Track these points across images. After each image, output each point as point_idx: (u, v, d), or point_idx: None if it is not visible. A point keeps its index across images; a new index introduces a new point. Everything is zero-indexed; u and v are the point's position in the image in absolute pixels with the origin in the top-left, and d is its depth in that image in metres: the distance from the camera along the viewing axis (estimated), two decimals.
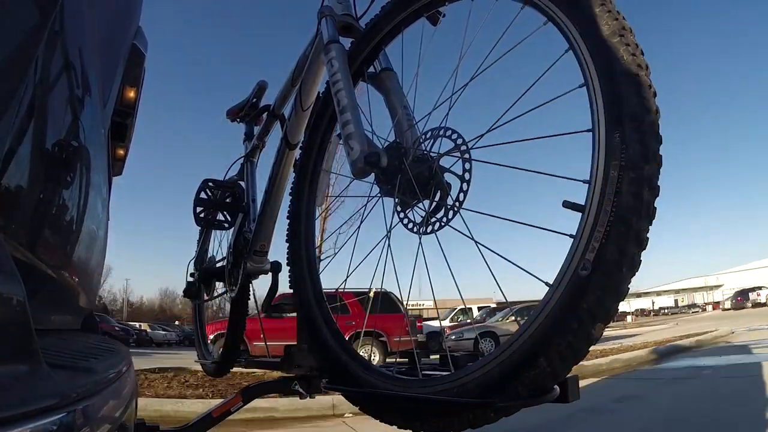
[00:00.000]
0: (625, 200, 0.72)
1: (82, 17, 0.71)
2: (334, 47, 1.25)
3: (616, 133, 0.75)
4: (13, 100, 0.46)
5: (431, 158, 1.05)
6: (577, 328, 0.74)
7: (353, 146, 1.07)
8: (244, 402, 1.66)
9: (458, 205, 0.98)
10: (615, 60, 0.76)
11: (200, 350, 2.62)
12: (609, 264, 0.72)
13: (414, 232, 1.06)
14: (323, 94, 1.47)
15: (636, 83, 0.75)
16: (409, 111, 1.22)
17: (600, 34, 0.79)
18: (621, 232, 0.72)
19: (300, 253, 1.39)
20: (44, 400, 0.36)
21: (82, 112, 0.74)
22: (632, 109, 0.74)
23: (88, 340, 0.95)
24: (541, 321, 0.78)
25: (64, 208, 0.71)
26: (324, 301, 1.31)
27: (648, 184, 0.73)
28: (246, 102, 2.31)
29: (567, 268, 0.77)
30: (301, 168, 1.46)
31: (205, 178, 2.13)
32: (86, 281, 0.97)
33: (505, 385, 0.80)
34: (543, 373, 0.77)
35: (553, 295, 0.77)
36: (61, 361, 0.53)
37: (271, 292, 1.82)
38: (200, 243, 2.57)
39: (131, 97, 1.25)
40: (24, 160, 0.53)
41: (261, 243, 1.82)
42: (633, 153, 0.73)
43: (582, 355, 0.78)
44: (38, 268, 0.63)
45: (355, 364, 1.14)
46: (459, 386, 0.87)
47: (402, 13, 1.24)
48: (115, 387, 0.61)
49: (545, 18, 0.89)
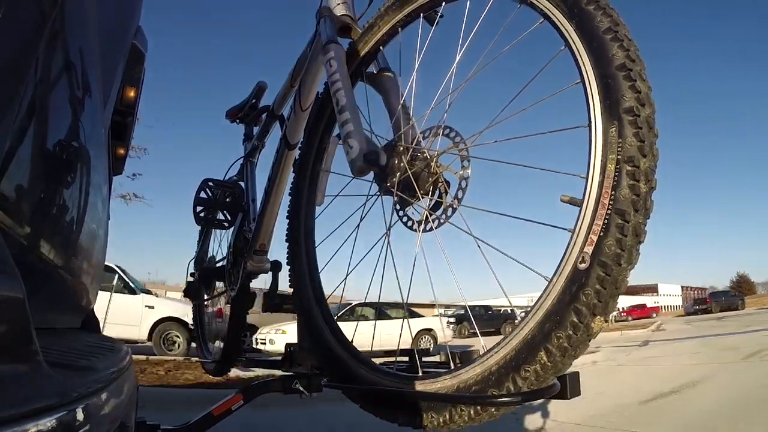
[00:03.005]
0: (623, 194, 0.73)
1: (83, 17, 0.71)
2: (332, 47, 1.25)
3: (612, 128, 0.75)
4: (14, 100, 0.47)
5: (430, 156, 1.05)
6: (576, 322, 0.75)
7: (352, 145, 1.07)
8: (245, 400, 1.66)
9: (457, 202, 0.99)
10: (610, 56, 0.77)
11: (201, 349, 2.62)
12: (607, 257, 0.73)
13: (413, 229, 1.06)
14: (322, 94, 1.47)
15: (631, 78, 0.75)
16: (408, 110, 1.22)
17: (595, 31, 0.79)
18: (619, 226, 0.73)
19: (300, 252, 1.40)
20: (44, 400, 0.36)
21: (83, 111, 0.74)
22: (628, 104, 0.75)
23: (88, 339, 0.95)
24: (541, 314, 0.78)
25: (65, 208, 0.71)
26: (324, 299, 1.32)
27: (645, 178, 0.73)
28: (245, 103, 2.32)
29: (565, 262, 0.77)
30: (301, 168, 1.46)
31: (205, 177, 2.14)
32: (86, 280, 0.97)
33: (506, 380, 0.81)
34: (543, 368, 0.78)
35: (552, 288, 0.78)
36: (61, 360, 0.53)
37: (272, 291, 1.82)
38: (200, 242, 2.57)
39: (131, 96, 1.25)
40: (24, 160, 0.53)
41: (261, 242, 1.82)
42: (629, 147, 0.73)
43: (582, 349, 0.78)
44: (38, 267, 0.63)
45: (356, 362, 1.14)
46: (459, 382, 0.88)
47: (400, 13, 1.25)
48: (116, 386, 0.61)
49: (541, 17, 0.90)
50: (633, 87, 0.75)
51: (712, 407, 3.25)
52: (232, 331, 2.07)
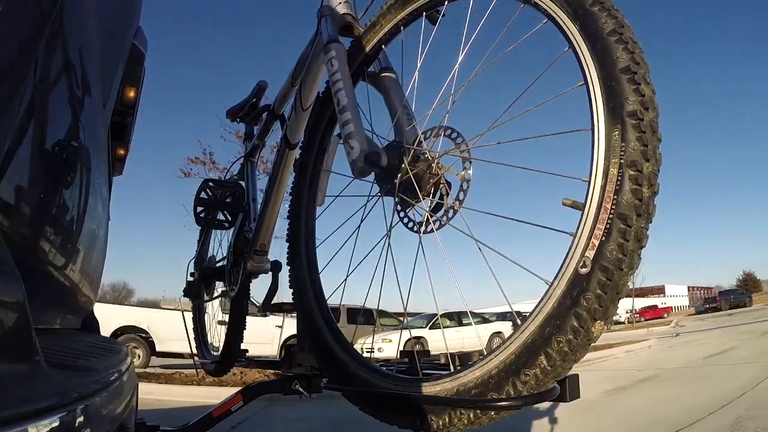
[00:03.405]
0: (625, 198, 0.72)
1: (82, 17, 0.71)
2: (334, 47, 1.24)
3: (615, 131, 0.75)
4: (14, 100, 0.46)
5: (431, 157, 1.05)
6: (577, 326, 0.74)
7: (353, 146, 1.07)
8: (245, 401, 1.66)
9: (458, 204, 0.98)
10: (614, 58, 0.76)
11: (200, 350, 2.62)
12: (609, 262, 0.72)
13: (414, 231, 1.06)
14: (323, 93, 1.47)
15: (635, 81, 0.75)
16: (409, 110, 1.22)
17: (599, 32, 0.78)
18: (621, 230, 0.72)
19: (300, 252, 1.39)
20: (44, 400, 0.36)
21: (83, 111, 0.74)
22: (631, 108, 0.74)
23: (88, 340, 0.95)
24: (542, 318, 0.78)
25: (65, 208, 0.71)
26: (324, 300, 1.31)
27: (648, 182, 0.73)
28: (246, 102, 2.31)
29: (567, 266, 0.77)
30: (301, 168, 1.46)
31: (206, 177, 2.13)
32: (86, 281, 0.96)
33: (506, 383, 0.80)
34: (543, 372, 0.77)
35: (552, 292, 0.77)
36: (61, 361, 0.53)
37: (271, 291, 1.82)
38: (200, 242, 2.57)
39: (131, 96, 1.25)
40: (24, 160, 0.53)
41: (261, 242, 1.82)
42: (632, 151, 0.73)
43: (582, 354, 0.78)
44: (38, 267, 0.63)
45: (355, 363, 1.14)
46: (459, 385, 0.87)
47: (402, 12, 1.24)
48: (116, 386, 0.61)
49: (545, 17, 0.89)
50: (637, 90, 0.74)
51: (746, 355, 6.36)
52: (232, 331, 2.07)
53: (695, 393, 3.92)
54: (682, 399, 3.76)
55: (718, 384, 4.25)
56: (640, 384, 4.93)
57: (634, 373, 5.76)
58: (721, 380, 4.54)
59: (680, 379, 5.01)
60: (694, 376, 5.06)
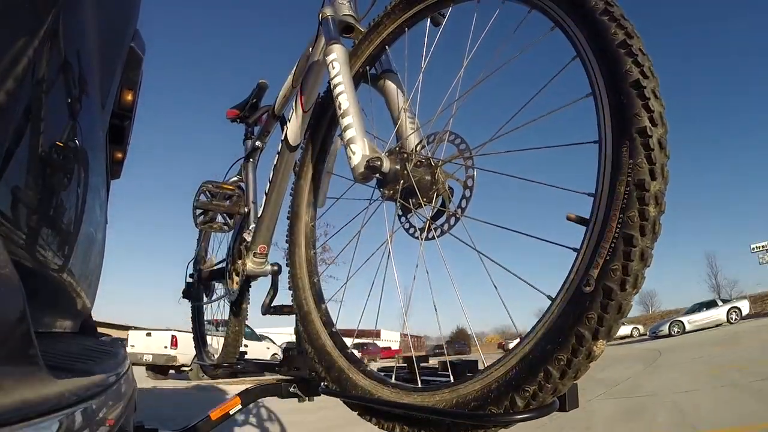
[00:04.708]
0: (631, 217, 0.70)
1: (80, 19, 0.71)
2: (335, 48, 1.22)
3: (624, 147, 0.72)
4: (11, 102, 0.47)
5: (434, 164, 1.03)
6: (577, 346, 0.72)
7: (355, 150, 1.05)
8: (243, 404, 1.65)
9: (460, 212, 0.96)
10: (623, 71, 0.74)
11: (200, 352, 2.61)
12: (612, 282, 0.70)
13: (415, 237, 1.05)
14: (324, 95, 1.45)
15: (644, 97, 0.72)
16: (412, 114, 1.20)
17: (608, 44, 0.76)
18: (626, 250, 0.70)
19: (300, 255, 1.39)
20: (44, 403, 0.36)
21: (80, 114, 0.74)
22: (641, 124, 0.72)
23: (86, 343, 0.95)
24: (542, 335, 0.77)
25: (63, 211, 0.71)
26: (324, 303, 1.31)
27: (655, 201, 0.71)
28: (246, 102, 2.30)
29: (569, 283, 0.75)
30: (302, 170, 1.45)
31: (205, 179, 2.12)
32: (84, 284, 0.96)
33: (504, 397, 0.79)
34: (542, 388, 0.76)
35: (554, 309, 0.76)
36: (60, 364, 0.53)
37: (271, 293, 1.81)
38: (200, 244, 2.56)
39: (129, 99, 1.25)
40: (22, 163, 0.53)
41: (261, 245, 1.81)
42: (640, 169, 0.71)
43: (583, 372, 0.76)
44: (37, 271, 0.63)
45: (354, 369, 1.13)
46: (457, 396, 0.86)
47: (406, 13, 1.22)
48: (114, 389, 0.61)
49: (552, 23, 0.87)
50: (646, 106, 0.72)
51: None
52: (231, 334, 2.06)
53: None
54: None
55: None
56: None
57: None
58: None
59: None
60: None
